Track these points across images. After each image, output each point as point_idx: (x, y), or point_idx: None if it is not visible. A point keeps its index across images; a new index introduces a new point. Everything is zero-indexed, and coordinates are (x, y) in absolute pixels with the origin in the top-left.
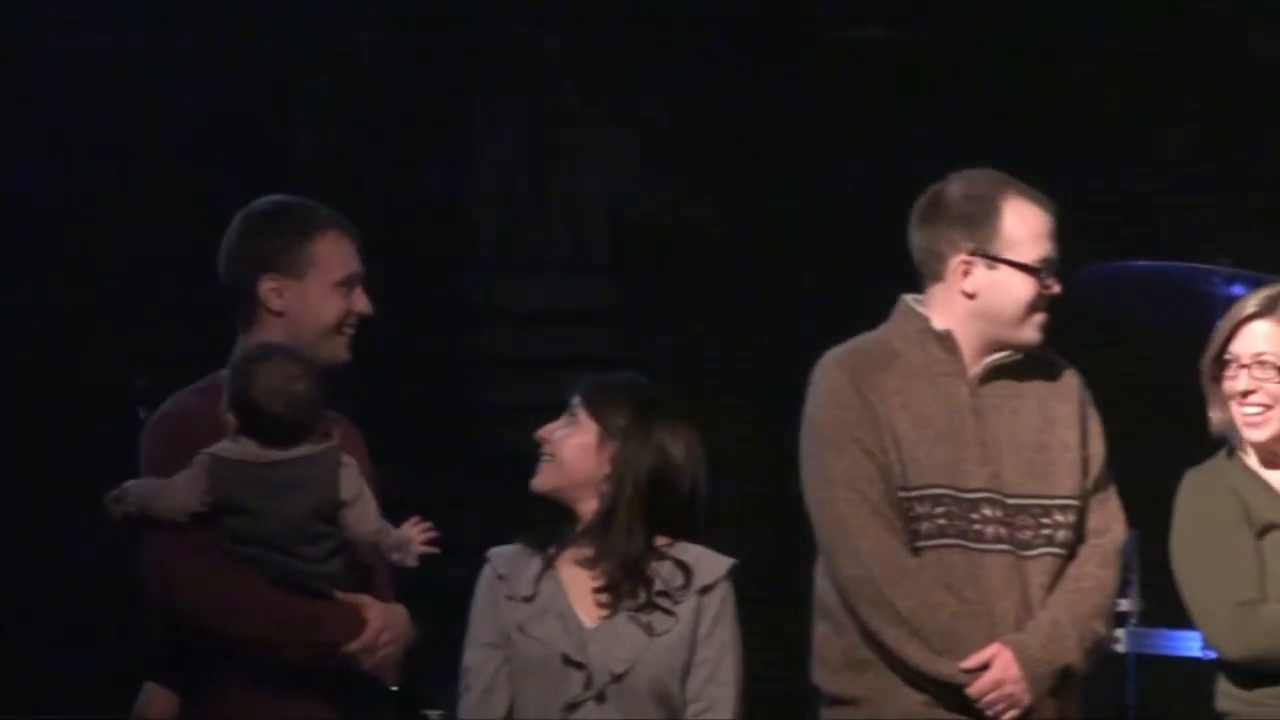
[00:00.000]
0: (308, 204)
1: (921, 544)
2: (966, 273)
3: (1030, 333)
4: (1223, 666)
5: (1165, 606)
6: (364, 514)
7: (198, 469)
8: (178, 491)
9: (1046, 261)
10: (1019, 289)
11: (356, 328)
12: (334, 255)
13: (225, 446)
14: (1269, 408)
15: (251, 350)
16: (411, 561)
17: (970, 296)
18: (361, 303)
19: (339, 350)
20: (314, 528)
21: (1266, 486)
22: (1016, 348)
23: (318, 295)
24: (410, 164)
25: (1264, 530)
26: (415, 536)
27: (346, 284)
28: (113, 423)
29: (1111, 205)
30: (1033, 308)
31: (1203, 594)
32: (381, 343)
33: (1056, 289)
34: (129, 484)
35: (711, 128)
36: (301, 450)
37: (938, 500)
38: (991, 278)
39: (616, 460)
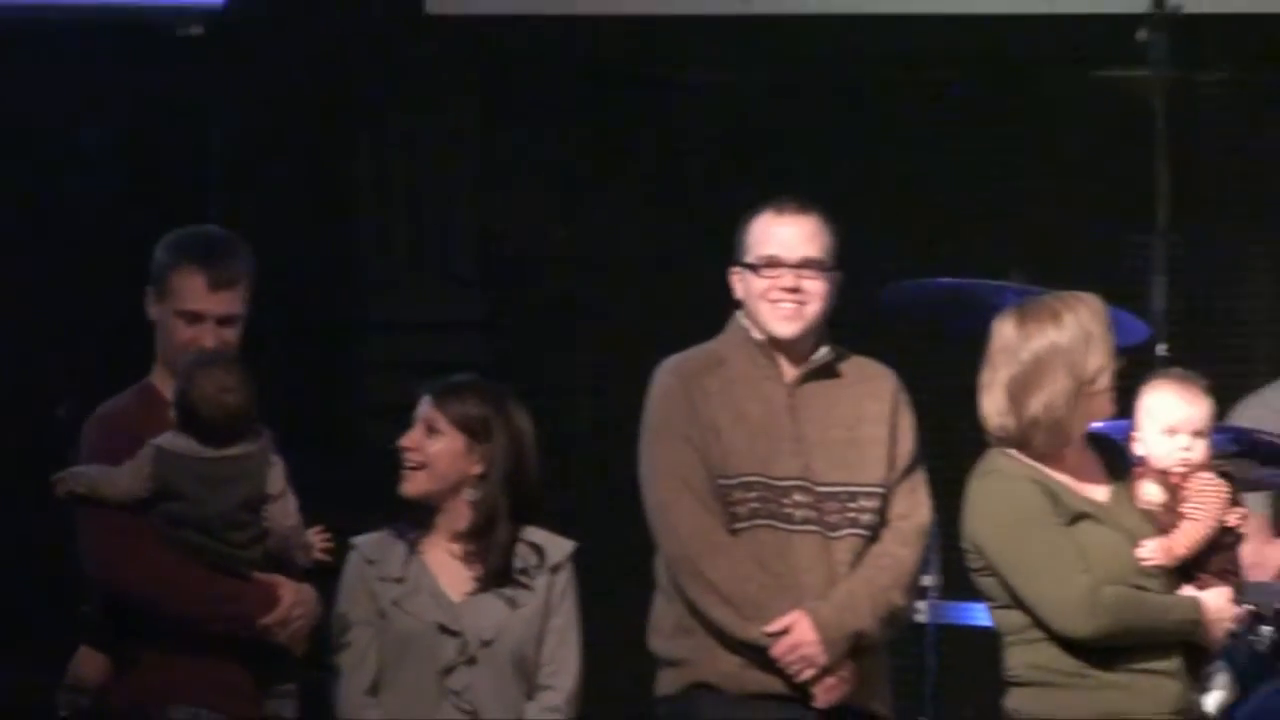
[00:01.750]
0: (188, 239)
1: (738, 525)
2: (738, 283)
3: (774, 324)
4: (1057, 639)
5: (961, 581)
6: (285, 509)
7: (143, 459)
8: (124, 478)
9: (766, 258)
10: (747, 285)
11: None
12: (183, 289)
13: (169, 439)
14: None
15: (197, 356)
16: (306, 562)
17: (742, 303)
18: (204, 338)
19: None
20: (241, 517)
21: (1060, 483)
22: (775, 340)
23: (167, 318)
24: (299, 186)
25: (1074, 519)
26: (315, 543)
27: (188, 318)
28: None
29: (925, 225)
30: (763, 299)
31: (1045, 581)
32: (274, 347)
33: (783, 282)
34: (75, 469)
35: (570, 158)
36: (237, 449)
37: (750, 487)
38: (741, 282)
39: (487, 459)
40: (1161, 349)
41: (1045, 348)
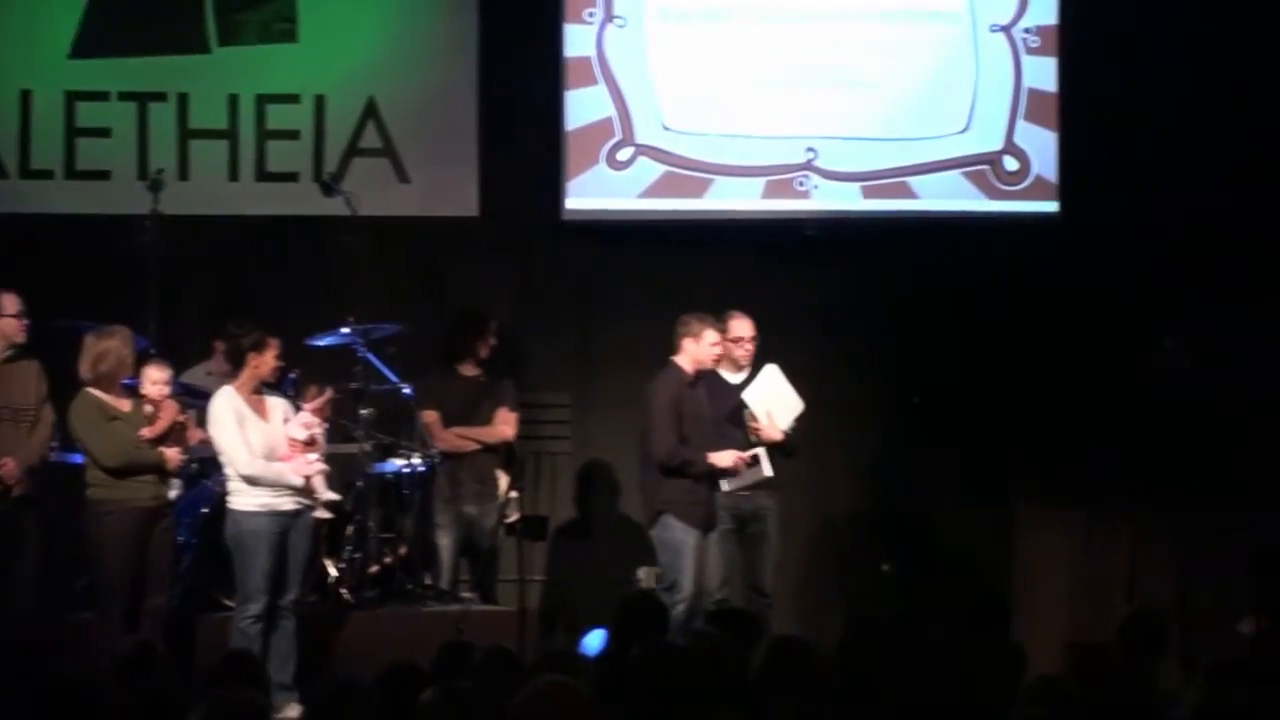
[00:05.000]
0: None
1: None
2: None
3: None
4: (101, 469)
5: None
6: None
7: None
8: None
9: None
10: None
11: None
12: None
13: None
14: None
15: None
16: None
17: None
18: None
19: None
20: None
21: (107, 402)
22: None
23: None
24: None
25: (111, 420)
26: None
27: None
28: None
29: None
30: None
31: (94, 445)
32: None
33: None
34: None
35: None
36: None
37: None
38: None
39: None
40: (153, 351)
41: (107, 346)
